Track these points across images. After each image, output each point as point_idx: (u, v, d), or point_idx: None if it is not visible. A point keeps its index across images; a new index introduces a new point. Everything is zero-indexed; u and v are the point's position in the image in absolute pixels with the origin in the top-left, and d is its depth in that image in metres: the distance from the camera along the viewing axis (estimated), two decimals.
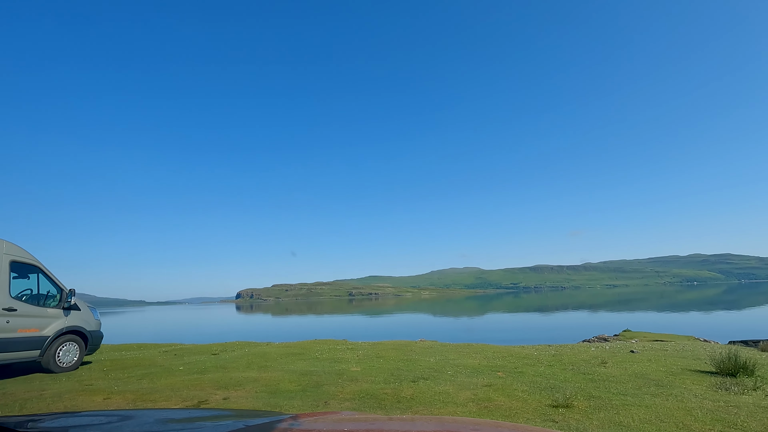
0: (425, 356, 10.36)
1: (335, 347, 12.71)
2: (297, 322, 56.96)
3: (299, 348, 12.55)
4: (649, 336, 20.30)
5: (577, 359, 9.73)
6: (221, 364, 9.42)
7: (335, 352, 11.36)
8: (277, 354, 11.05)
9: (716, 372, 7.90)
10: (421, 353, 11.00)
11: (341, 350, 11.90)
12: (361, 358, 10.09)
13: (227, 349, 12.82)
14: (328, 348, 12.48)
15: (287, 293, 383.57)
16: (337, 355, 10.72)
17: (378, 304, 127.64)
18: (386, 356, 10.37)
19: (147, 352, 12.86)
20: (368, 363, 9.28)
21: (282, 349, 12.41)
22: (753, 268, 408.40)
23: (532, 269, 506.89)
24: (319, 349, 12.12)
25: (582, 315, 49.84)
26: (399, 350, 11.66)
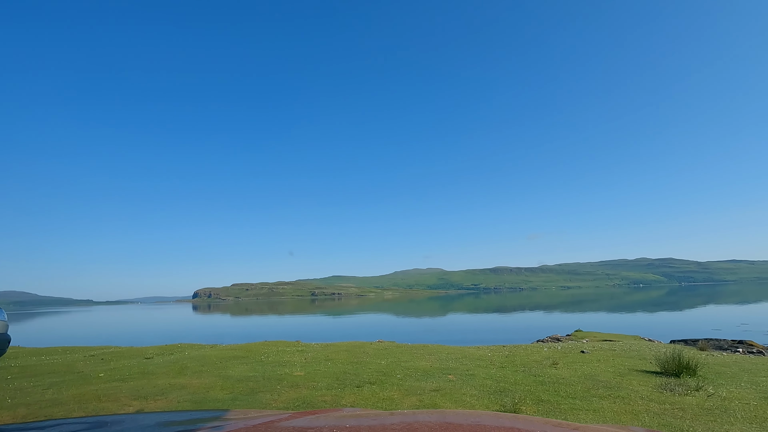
0: (377, 358, 9.92)
1: (285, 349, 12.02)
2: (253, 323, 55.07)
3: (245, 350, 11.76)
4: (599, 336, 20.92)
5: (529, 360, 9.62)
6: (150, 370, 8.54)
7: (283, 355, 10.69)
8: (218, 357, 10.23)
9: (661, 372, 7.97)
10: (374, 355, 10.55)
11: (290, 353, 11.24)
12: (308, 361, 9.49)
13: (165, 353, 11.82)
14: (277, 350, 11.78)
15: (248, 293, 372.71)
16: (284, 358, 10.06)
17: (340, 305, 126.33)
18: (336, 359, 9.83)
19: (71, 356, 11.61)
20: (314, 366, 8.71)
21: (226, 351, 11.57)
22: (692, 272, 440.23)
23: (492, 271, 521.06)
24: (267, 352, 11.39)
25: (537, 315, 51.32)
26: (351, 352, 11.15)
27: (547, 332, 25.56)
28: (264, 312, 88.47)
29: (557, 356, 10.41)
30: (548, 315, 51.06)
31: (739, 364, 9.57)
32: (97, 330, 50.14)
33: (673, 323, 34.94)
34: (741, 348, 18.77)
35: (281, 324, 50.11)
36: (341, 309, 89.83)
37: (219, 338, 24.10)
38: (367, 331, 33.90)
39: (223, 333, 36.51)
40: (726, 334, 25.01)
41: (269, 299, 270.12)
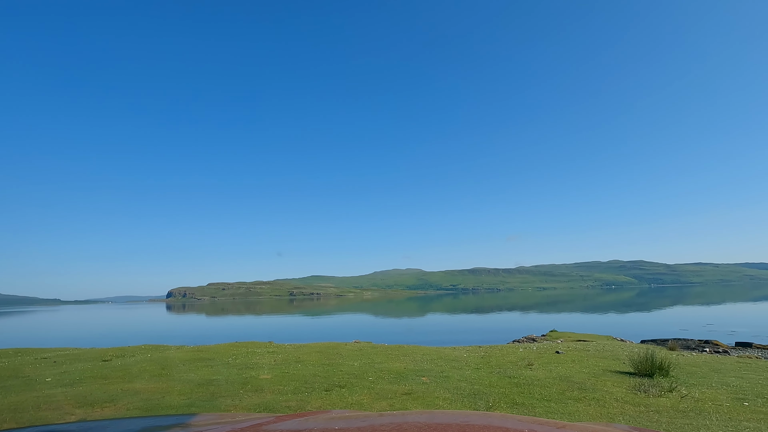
0: (350, 360, 9.59)
1: (255, 351, 11.55)
2: (228, 323, 53.72)
3: (212, 352, 11.23)
4: (573, 336, 21.17)
5: (504, 361, 9.49)
6: (105, 374, 7.97)
7: (252, 357, 10.23)
8: (181, 359, 9.70)
9: (635, 373, 7.94)
10: (347, 356, 10.22)
11: (260, 354, 10.78)
12: (277, 363, 9.08)
13: (126, 354, 11.17)
14: (246, 352, 11.30)
15: (224, 292, 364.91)
16: (253, 360, 9.62)
17: (319, 305, 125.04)
18: (307, 360, 9.45)
19: (21, 359, 10.83)
20: (283, 369, 8.32)
21: (191, 353, 11.02)
22: (661, 274, 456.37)
23: (471, 271, 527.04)
24: (235, 353, 10.90)
25: (514, 316, 51.92)
26: (324, 353, 10.79)
27: (523, 332, 25.74)
28: (240, 312, 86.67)
29: (532, 357, 10.33)
30: (524, 315, 51.74)
31: (708, 364, 9.69)
32: (59, 331, 47.79)
33: (643, 323, 35.84)
34: (708, 348, 19.31)
35: (256, 324, 49.04)
36: (319, 309, 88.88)
37: (189, 339, 23.27)
38: (345, 332, 33.47)
39: (195, 334, 35.39)
40: (693, 334, 25.74)
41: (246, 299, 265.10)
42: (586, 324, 35.46)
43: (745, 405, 5.38)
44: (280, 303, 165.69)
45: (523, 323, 38.62)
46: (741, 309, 51.83)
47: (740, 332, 25.85)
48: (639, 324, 35.82)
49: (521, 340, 21.40)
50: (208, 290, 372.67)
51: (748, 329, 27.78)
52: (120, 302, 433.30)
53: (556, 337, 21.14)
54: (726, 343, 21.03)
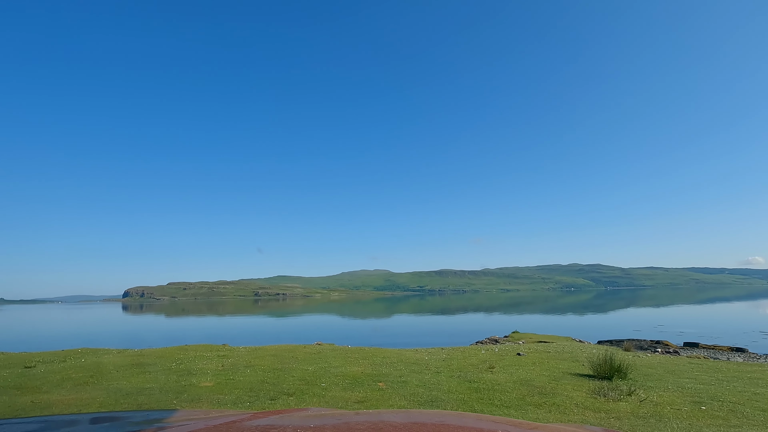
0: (305, 364, 9.03)
1: (204, 354, 10.74)
2: (184, 325, 51.32)
3: (156, 356, 10.34)
4: (534, 337, 21.44)
5: (466, 364, 9.23)
6: (20, 383, 7.03)
7: (198, 361, 9.47)
8: (117, 365, 8.80)
9: (594, 375, 7.85)
10: (303, 360, 9.64)
11: (208, 358, 10.01)
12: (224, 369, 8.39)
13: (56, 360, 10.08)
14: (194, 356, 10.48)
15: (185, 292, 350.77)
16: (198, 365, 8.87)
17: (285, 305, 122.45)
18: (258, 365, 8.81)
19: None
20: (229, 375, 7.66)
21: (131, 358, 10.08)
22: (616, 277, 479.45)
23: (438, 273, 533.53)
24: (181, 358, 10.07)
25: (478, 317, 52.63)
26: (278, 357, 10.15)
27: (486, 334, 25.90)
28: (202, 312, 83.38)
29: (494, 359, 10.14)
30: (488, 317, 52.54)
31: (663, 366, 9.84)
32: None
33: (599, 324, 37.09)
34: (660, 348, 20.04)
35: (215, 326, 47.07)
36: (285, 310, 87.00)
37: (136, 342, 21.80)
38: (308, 334, 32.63)
39: (145, 336, 33.38)
40: (645, 334, 26.76)
41: (209, 299, 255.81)
42: (547, 325, 36.28)
43: (703, 409, 5.30)
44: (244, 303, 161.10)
45: (487, 324, 39.09)
46: (687, 311, 54.87)
47: (688, 333, 27.15)
48: (596, 325, 37.03)
49: (484, 341, 21.45)
50: (168, 290, 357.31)
51: (694, 330, 29.24)
52: (71, 302, 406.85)
53: (518, 338, 21.32)
54: (675, 344, 21.96)
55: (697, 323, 34.88)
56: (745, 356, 18.26)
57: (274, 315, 68.74)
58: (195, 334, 32.28)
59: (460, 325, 39.37)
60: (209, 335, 30.84)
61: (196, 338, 25.41)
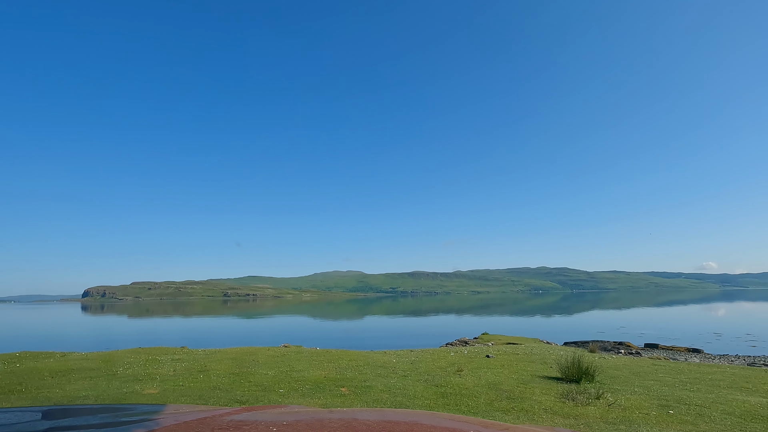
0: (265, 368, 8.50)
1: (157, 358, 10.00)
2: (145, 326, 49.01)
3: (102, 360, 9.53)
4: (503, 339, 21.55)
5: (434, 367, 8.96)
6: None
7: (149, 366, 8.77)
8: (53, 371, 8.00)
9: (562, 378, 7.72)
10: (264, 364, 9.10)
11: (161, 362, 9.31)
12: (176, 374, 7.77)
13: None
14: (146, 359, 9.73)
15: (150, 292, 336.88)
16: (147, 370, 8.19)
17: (254, 306, 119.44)
18: (214, 369, 8.22)
19: None
20: (179, 381, 7.06)
21: (74, 362, 9.24)
22: (582, 280, 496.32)
23: (411, 275, 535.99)
24: (130, 362, 9.32)
25: (449, 319, 52.94)
26: (237, 360, 9.56)
27: (456, 335, 25.89)
28: (167, 314, 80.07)
29: (463, 362, 9.93)
30: (459, 318, 52.93)
31: (628, 367, 9.90)
32: None
33: (566, 326, 37.98)
34: (623, 349, 20.55)
35: (178, 327, 45.16)
36: (254, 311, 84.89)
37: (89, 344, 20.46)
38: (276, 335, 31.74)
39: (100, 338, 31.49)
40: (609, 336, 27.49)
41: (175, 300, 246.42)
42: (516, 327, 36.78)
43: (671, 413, 5.19)
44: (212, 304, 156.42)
45: (458, 326, 39.26)
46: (647, 313, 57.12)
47: (648, 334, 28.12)
48: (562, 327, 37.86)
49: (454, 343, 21.36)
50: (132, 290, 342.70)
51: (653, 331, 30.33)
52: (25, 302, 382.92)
53: (488, 339, 21.35)
54: (637, 345, 22.62)
55: (656, 325, 36.28)
56: (701, 357, 18.98)
57: (243, 316, 66.95)
58: (154, 336, 30.77)
59: (430, 327, 39.38)
60: (169, 337, 29.47)
61: (155, 340, 24.15)
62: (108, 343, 24.02)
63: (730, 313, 54.92)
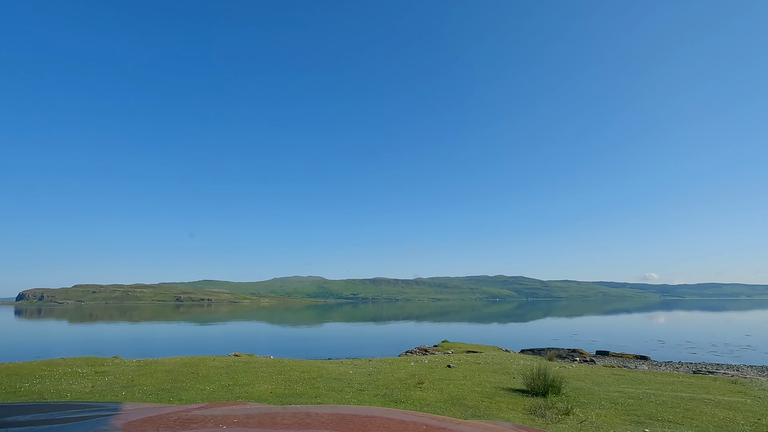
0: (204, 382, 7.52)
1: (77, 371, 8.69)
2: (80, 333, 44.95)
3: (7, 373, 8.13)
4: (463, 347, 21.33)
5: (393, 379, 8.32)
6: None
7: (63, 380, 7.52)
8: None
9: (528, 391, 7.31)
10: (204, 377, 8.09)
11: (80, 375, 8.06)
12: (93, 390, 6.65)
13: None
14: (62, 372, 8.41)
15: (95, 296, 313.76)
16: (59, 386, 6.98)
17: (208, 311, 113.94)
18: (141, 384, 7.15)
19: None
20: (94, 400, 5.97)
21: None
22: (537, 289, 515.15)
23: (372, 281, 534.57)
24: (43, 375, 8.00)
25: (409, 326, 52.69)
26: (173, 373, 8.47)
27: (416, 343, 25.42)
28: (112, 318, 74.36)
29: (423, 372, 9.37)
30: (419, 325, 52.79)
31: (589, 377, 9.72)
32: None
33: (522, 334, 38.66)
34: (577, 357, 20.85)
35: (116, 334, 41.78)
36: (207, 316, 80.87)
37: (5, 354, 18.12)
38: (228, 342, 29.95)
39: (20, 346, 28.29)
40: (562, 343, 28.05)
41: (122, 304, 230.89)
42: (475, 335, 36.95)
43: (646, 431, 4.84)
44: (163, 309, 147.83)
45: (418, 333, 38.96)
46: (596, 321, 59.62)
47: (598, 341, 28.98)
48: (519, 334, 38.47)
49: (414, 351, 20.86)
50: (74, 293, 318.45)
51: (603, 338, 31.38)
52: None
53: (448, 347, 21.02)
54: (589, 352, 23.14)
55: (605, 332, 37.69)
56: (649, 364, 19.59)
57: (194, 322, 63.51)
58: (89, 344, 28.09)
59: (390, 335, 38.83)
60: (106, 345, 27.02)
61: (85, 349, 21.92)
62: (27, 352, 21.53)
63: (670, 321, 58.43)
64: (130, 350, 22.97)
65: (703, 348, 25.39)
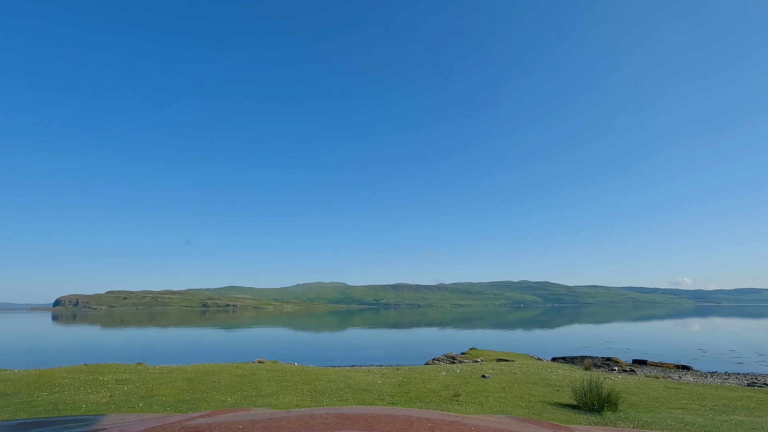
0: (225, 393, 7.08)
1: (98, 378, 8.43)
2: (109, 338, 45.95)
3: (29, 381, 7.93)
4: (493, 354, 20.38)
5: (426, 390, 7.70)
6: None
7: (81, 390, 7.23)
8: None
9: (578, 406, 6.56)
10: (225, 387, 7.67)
11: (101, 384, 7.77)
12: (110, 401, 6.30)
13: None
14: (83, 380, 8.16)
15: (125, 302, 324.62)
16: (77, 396, 6.68)
17: (233, 317, 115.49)
18: (160, 395, 6.77)
19: None
20: (110, 412, 5.60)
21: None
22: (562, 294, 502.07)
23: (393, 287, 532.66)
24: (62, 384, 7.76)
25: (433, 332, 51.68)
26: (194, 382, 8.09)
27: (442, 350, 24.60)
28: (142, 324, 76.23)
29: (457, 383, 8.70)
30: (443, 332, 51.72)
31: (641, 390, 8.82)
32: None
33: (550, 340, 37.16)
34: (615, 367, 19.57)
35: (143, 339, 42.46)
36: (232, 322, 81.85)
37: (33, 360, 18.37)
38: (251, 348, 29.86)
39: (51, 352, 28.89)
40: (595, 351, 26.60)
41: (151, 309, 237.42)
42: (502, 341, 35.75)
43: None
44: (189, 315, 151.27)
45: (442, 340, 38.02)
46: (627, 328, 57.08)
47: (633, 350, 27.38)
48: (547, 341, 37.02)
49: (441, 358, 20.06)
50: (107, 299, 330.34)
51: (637, 346, 29.67)
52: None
53: (476, 355, 20.12)
54: (624, 360, 21.77)
55: (638, 340, 35.76)
56: (694, 374, 18.16)
57: (220, 327, 64.33)
58: (112, 350, 28.47)
59: (414, 341, 38.02)
60: (129, 351, 27.28)
61: (112, 355, 22.08)
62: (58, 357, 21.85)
63: (708, 328, 55.32)
64: (155, 356, 23.05)
65: (749, 357, 23.60)
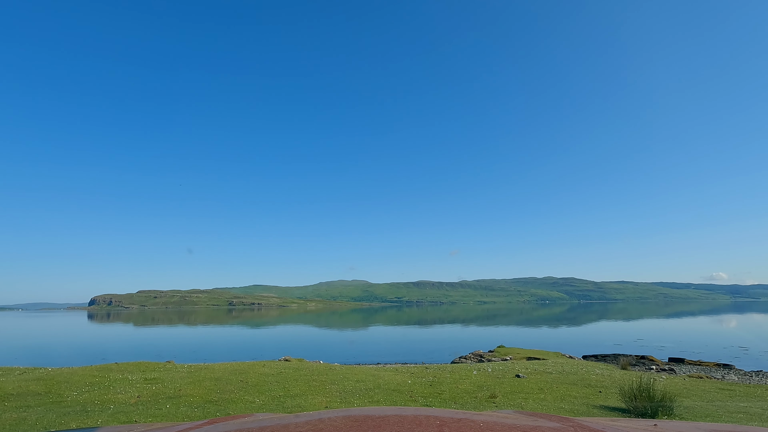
0: (252, 393, 6.92)
1: (127, 377, 8.44)
2: (140, 336, 47.32)
3: (57, 381, 7.98)
4: (521, 352, 19.77)
5: (459, 390, 7.33)
6: None
7: (111, 388, 7.20)
8: None
9: (628, 410, 6.07)
10: (253, 386, 7.51)
11: (130, 382, 7.74)
12: (139, 401, 6.21)
13: None
14: (113, 379, 8.17)
15: (156, 301, 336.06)
16: (106, 395, 6.63)
17: (259, 315, 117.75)
18: (188, 395, 6.65)
19: None
20: (135, 414, 5.49)
21: (20, 383, 7.69)
22: (589, 290, 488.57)
23: (416, 284, 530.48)
24: (94, 383, 7.77)
25: (457, 329, 51.01)
26: (221, 381, 7.97)
27: (468, 347, 24.11)
28: (172, 322, 78.61)
29: (491, 383, 8.29)
30: (467, 329, 51.01)
31: (692, 392, 8.18)
32: None
33: (579, 338, 35.99)
34: (653, 365, 18.63)
35: (173, 337, 43.52)
36: (258, 320, 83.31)
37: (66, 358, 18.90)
38: (278, 346, 30.08)
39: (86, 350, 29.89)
40: (626, 349, 25.49)
41: (180, 308, 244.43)
42: (529, 339, 34.90)
43: None
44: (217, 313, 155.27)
45: (467, 337, 37.41)
46: (659, 324, 54.85)
47: (668, 347, 26.11)
48: (576, 338, 35.92)
49: (468, 356, 19.58)
50: (138, 298, 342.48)
51: (672, 344, 28.29)
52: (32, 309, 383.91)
53: (505, 353, 19.55)
54: (660, 359, 20.71)
55: (672, 338, 34.13)
56: (737, 373, 17.04)
57: (246, 325, 65.50)
58: (143, 348, 29.16)
59: (439, 338, 37.53)
60: (160, 348, 27.87)
61: (142, 353, 22.56)
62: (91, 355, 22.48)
63: (747, 325, 52.56)
64: (184, 354, 23.44)
65: None
